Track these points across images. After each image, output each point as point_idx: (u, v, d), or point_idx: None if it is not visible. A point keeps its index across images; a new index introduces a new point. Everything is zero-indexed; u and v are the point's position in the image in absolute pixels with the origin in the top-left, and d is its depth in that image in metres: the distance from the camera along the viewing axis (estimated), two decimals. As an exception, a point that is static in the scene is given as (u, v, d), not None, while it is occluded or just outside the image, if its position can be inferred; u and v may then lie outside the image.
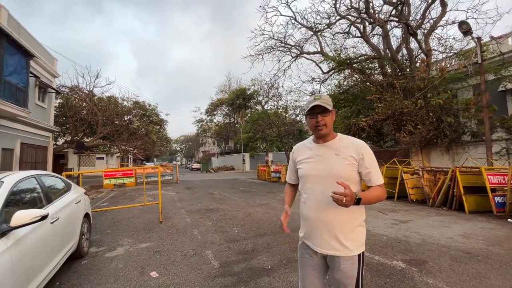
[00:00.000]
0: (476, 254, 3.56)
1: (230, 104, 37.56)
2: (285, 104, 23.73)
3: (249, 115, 36.71)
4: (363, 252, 1.42)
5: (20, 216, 2.02)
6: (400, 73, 11.96)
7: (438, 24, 12.17)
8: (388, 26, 13.38)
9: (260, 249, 3.90)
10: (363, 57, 13.63)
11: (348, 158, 1.38)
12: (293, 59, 16.06)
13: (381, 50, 13.45)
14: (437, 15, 12.08)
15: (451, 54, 11.63)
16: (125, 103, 20.20)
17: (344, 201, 1.19)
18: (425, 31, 12.34)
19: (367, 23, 13.72)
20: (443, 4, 11.67)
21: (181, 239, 4.52)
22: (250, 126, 31.93)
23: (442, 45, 12.28)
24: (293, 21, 15.20)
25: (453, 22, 12.40)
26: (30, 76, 9.34)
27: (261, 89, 24.47)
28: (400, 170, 8.35)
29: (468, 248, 3.81)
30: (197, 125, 45.29)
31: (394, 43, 13.79)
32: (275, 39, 15.62)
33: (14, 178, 2.55)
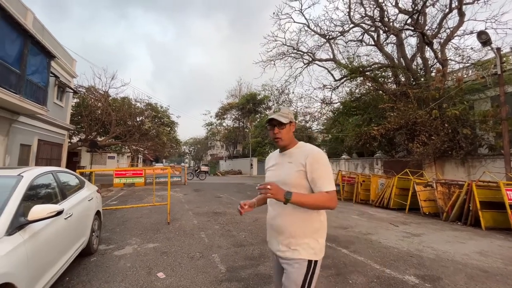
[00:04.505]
0: (494, 273, 3.40)
1: (240, 108, 37.81)
2: (295, 110, 23.67)
3: (258, 120, 36.80)
4: (315, 261, 1.38)
5: (38, 210, 2.07)
6: (414, 83, 11.76)
7: (455, 34, 11.94)
8: (403, 35, 13.24)
9: (267, 256, 3.85)
10: (376, 66, 13.50)
11: (298, 165, 1.40)
12: (305, 66, 16.07)
13: (395, 59, 13.29)
14: (454, 25, 11.87)
15: (468, 64, 11.36)
16: (138, 104, 20.68)
17: (269, 188, 1.26)
18: (442, 41, 12.12)
19: (381, 32, 13.63)
20: (461, 14, 11.46)
21: (188, 241, 4.52)
22: (259, 131, 31.97)
23: (459, 55, 12.03)
24: (306, 28, 15.28)
25: (471, 32, 12.14)
26: (50, 76, 9.71)
27: (271, 94, 24.54)
28: (412, 182, 8.13)
29: (485, 267, 3.63)
30: (207, 128, 45.76)
31: (409, 52, 13.62)
32: (288, 46, 15.70)
33: (33, 173, 2.63)
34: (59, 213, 2.26)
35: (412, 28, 12.21)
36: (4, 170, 2.70)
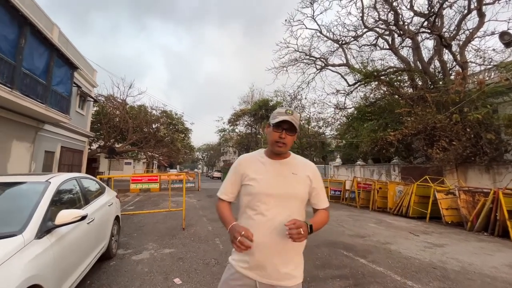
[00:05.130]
0: (527, 288, 3.17)
1: (252, 114, 38.01)
2: (308, 116, 23.52)
3: (271, 126, 36.72)
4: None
5: (64, 215, 2.17)
6: (432, 86, 11.40)
7: (475, 35, 11.52)
8: (419, 38, 12.94)
9: (282, 264, 3.80)
10: (392, 70, 13.23)
11: (304, 178, 1.32)
12: (318, 71, 16.02)
13: (411, 62, 12.97)
14: (474, 26, 11.47)
15: (490, 66, 10.90)
16: (154, 112, 21.31)
17: (302, 232, 1.10)
18: (461, 43, 11.73)
19: (395, 35, 13.39)
20: (481, 15, 11.06)
21: (203, 247, 4.55)
22: (272, 137, 31.91)
23: (480, 57, 11.59)
24: (318, 34, 15.29)
25: (493, 33, 11.68)
26: (73, 86, 10.23)
27: (284, 100, 24.55)
28: (432, 189, 7.81)
29: (517, 281, 3.40)
30: (219, 135, 46.19)
31: (426, 55, 13.27)
32: (300, 52, 15.75)
33: (59, 179, 2.77)
34: (83, 218, 2.35)
35: (429, 31, 11.91)
36: (33, 177, 2.86)
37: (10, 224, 1.97)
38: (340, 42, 14.87)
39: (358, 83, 14.28)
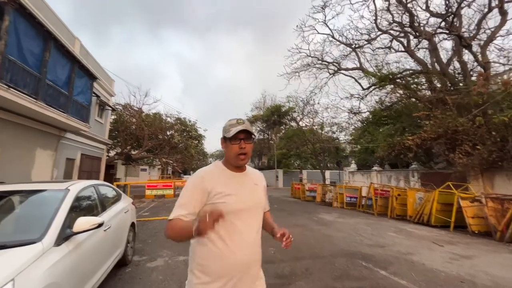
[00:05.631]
0: None
1: (264, 120, 38.07)
2: (321, 121, 23.23)
3: (283, 131, 36.66)
4: None
5: (82, 222, 2.21)
6: (452, 88, 10.94)
7: (497, 34, 11.00)
8: (436, 39, 12.53)
9: (298, 274, 3.68)
10: (408, 72, 12.85)
11: (262, 188, 1.40)
12: (331, 76, 15.82)
13: (429, 64, 12.55)
14: (496, 25, 10.97)
15: (515, 66, 10.34)
16: (168, 119, 21.83)
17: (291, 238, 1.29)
18: (482, 43, 11.22)
19: (411, 37, 13.03)
20: (503, 13, 10.57)
21: (217, 255, 4.50)
22: (284, 143, 31.75)
23: (504, 57, 11.02)
24: (330, 38, 15.15)
25: (517, 32, 11.11)
26: (93, 96, 10.67)
27: (296, 105, 24.43)
28: (456, 196, 7.39)
29: (558, 299, 3.10)
30: (232, 141, 46.45)
31: (444, 56, 12.79)
32: (312, 57, 15.65)
33: (78, 186, 2.83)
34: (100, 225, 2.38)
35: (447, 31, 11.51)
36: (54, 184, 2.95)
37: (30, 231, 2.03)
38: (353, 46, 14.67)
39: (373, 87, 13.96)
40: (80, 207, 2.81)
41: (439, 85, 11.89)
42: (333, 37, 15.03)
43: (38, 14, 6.42)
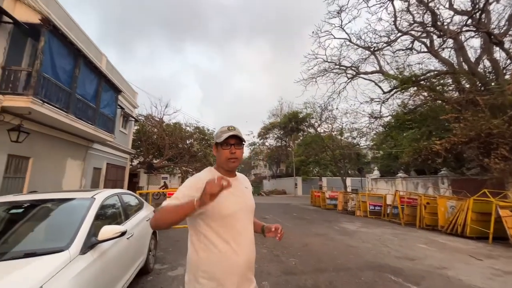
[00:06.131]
0: None
1: (282, 127, 37.90)
2: (340, 126, 22.67)
3: (301, 138, 36.22)
4: None
5: (106, 231, 2.25)
6: (483, 88, 10.24)
7: (532, 29, 10.21)
8: (462, 38, 11.87)
9: (321, 287, 3.50)
10: (433, 73, 12.24)
11: (250, 191, 1.50)
12: (349, 80, 15.47)
13: (455, 64, 11.88)
14: (530, 19, 10.21)
15: (555, 62, 9.49)
16: (187, 128, 22.41)
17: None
18: (514, 38, 10.48)
19: (434, 37, 12.47)
20: (537, 6, 9.84)
21: (237, 265, 4.42)
22: (303, 150, 31.28)
23: (541, 52, 10.16)
24: (347, 42, 14.90)
25: (555, 25, 10.25)
26: (118, 108, 11.24)
27: (314, 111, 24.10)
28: (494, 205, 6.79)
29: None
30: (250, 148, 46.61)
31: (472, 55, 12.07)
32: (329, 62, 15.44)
33: (103, 195, 2.93)
34: (123, 233, 2.42)
35: (474, 29, 10.88)
36: (81, 193, 3.07)
37: (58, 239, 2.10)
38: (372, 49, 14.30)
39: (395, 90, 13.43)
40: (104, 216, 2.89)
41: (468, 86, 11.18)
42: (350, 41, 14.78)
43: (69, 33, 6.93)
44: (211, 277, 1.21)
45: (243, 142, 1.38)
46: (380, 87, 14.43)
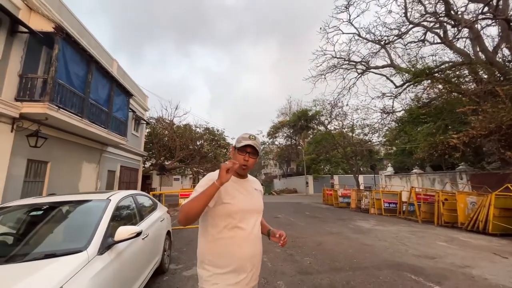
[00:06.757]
0: None
1: (291, 126, 37.66)
2: (351, 123, 22.27)
3: (311, 136, 35.87)
4: None
5: (122, 231, 2.27)
6: (502, 78, 9.78)
7: (555, 14, 9.65)
8: (478, 26, 11.38)
9: (337, 287, 3.42)
10: (447, 65, 11.80)
11: (260, 192, 1.59)
12: (359, 76, 15.16)
13: (471, 54, 11.41)
14: (552, 3, 9.66)
15: None
16: (197, 129, 22.61)
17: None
18: (535, 25, 9.93)
19: (448, 27, 12.02)
20: (560, -11, 9.29)
21: (251, 265, 4.40)
22: (313, 148, 30.95)
23: None
24: (356, 37, 14.61)
25: None
26: (129, 112, 11.47)
27: (324, 109, 23.77)
28: (519, 200, 6.46)
29: None
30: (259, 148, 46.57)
31: (489, 44, 11.55)
32: (338, 58, 15.18)
33: (118, 196, 2.97)
34: (139, 234, 2.43)
35: (491, 16, 10.39)
36: (96, 195, 3.13)
37: (76, 240, 2.13)
38: (382, 43, 13.95)
39: (407, 84, 13.04)
40: (120, 216, 2.93)
41: (485, 76, 10.71)
42: (359, 35, 14.48)
43: (81, 40, 7.12)
44: (217, 265, 1.36)
45: (258, 154, 1.49)
46: (392, 81, 14.07)
